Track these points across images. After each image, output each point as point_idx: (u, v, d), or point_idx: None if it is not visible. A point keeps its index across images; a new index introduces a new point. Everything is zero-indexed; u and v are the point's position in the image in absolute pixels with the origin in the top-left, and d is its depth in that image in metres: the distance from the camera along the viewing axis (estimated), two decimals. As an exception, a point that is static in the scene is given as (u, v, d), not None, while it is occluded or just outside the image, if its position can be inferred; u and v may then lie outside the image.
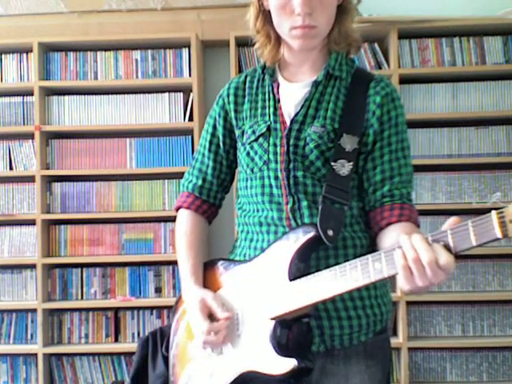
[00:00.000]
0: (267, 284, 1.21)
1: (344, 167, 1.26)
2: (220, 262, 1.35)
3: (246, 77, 1.42)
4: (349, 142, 1.26)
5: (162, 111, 2.82)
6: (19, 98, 2.84)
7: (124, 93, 2.83)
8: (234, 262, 1.32)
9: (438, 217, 2.72)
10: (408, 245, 0.99)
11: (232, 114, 1.39)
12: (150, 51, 2.83)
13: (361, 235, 1.30)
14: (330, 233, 1.19)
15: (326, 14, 1.27)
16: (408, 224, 1.23)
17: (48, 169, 2.82)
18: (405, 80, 2.72)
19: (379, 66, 2.74)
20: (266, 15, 1.33)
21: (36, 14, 2.92)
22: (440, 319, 2.75)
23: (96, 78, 2.84)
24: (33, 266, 2.81)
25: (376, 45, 2.75)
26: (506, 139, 2.74)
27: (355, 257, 1.26)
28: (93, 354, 2.82)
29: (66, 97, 2.84)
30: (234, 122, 1.39)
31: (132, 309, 2.83)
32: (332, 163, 1.25)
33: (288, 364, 1.14)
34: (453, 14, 2.72)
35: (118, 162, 2.83)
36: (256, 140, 1.32)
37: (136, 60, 2.84)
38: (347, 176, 1.26)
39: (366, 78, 1.34)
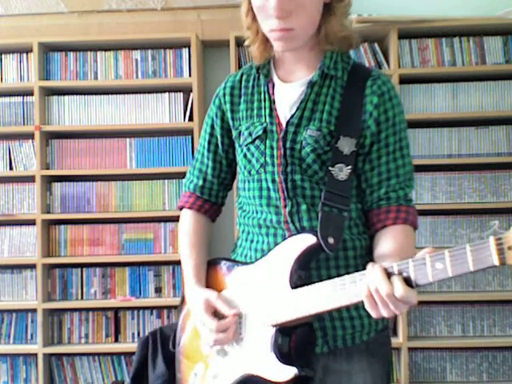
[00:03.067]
0: (269, 290, 1.21)
1: (342, 172, 1.24)
2: (223, 262, 1.34)
3: (241, 75, 1.40)
4: (346, 145, 1.24)
5: (162, 111, 2.82)
6: (19, 98, 2.84)
7: (124, 93, 2.83)
8: (236, 263, 1.32)
9: (438, 217, 2.72)
10: (370, 276, 1.03)
11: (229, 114, 1.38)
12: (149, 51, 2.83)
13: (360, 237, 1.29)
14: (331, 241, 1.18)
15: (304, 15, 1.22)
16: (403, 227, 1.23)
17: (48, 169, 2.82)
18: (405, 80, 2.72)
19: (379, 66, 2.74)
20: (255, 12, 1.30)
21: (36, 14, 2.92)
22: (440, 319, 2.75)
23: (96, 78, 2.84)
24: (33, 266, 2.81)
25: (376, 45, 2.75)
26: (506, 139, 2.74)
27: (355, 258, 1.27)
28: (93, 354, 2.82)
29: (66, 97, 2.84)
30: (230, 122, 1.38)
31: (132, 309, 2.83)
32: (330, 168, 1.23)
33: (289, 372, 1.15)
34: (453, 14, 2.72)
35: (118, 161, 2.83)
36: (253, 142, 1.31)
37: (136, 60, 2.83)
38: (346, 181, 1.24)
39: (363, 75, 1.30)
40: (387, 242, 1.21)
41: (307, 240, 1.18)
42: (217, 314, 1.26)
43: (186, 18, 2.89)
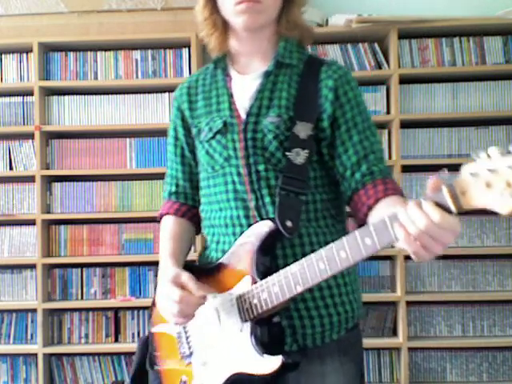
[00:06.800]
0: (236, 287, 1.21)
1: (299, 156, 1.24)
2: (192, 266, 1.34)
3: (198, 75, 1.42)
4: (302, 130, 1.25)
5: (162, 111, 2.82)
6: (19, 98, 2.84)
7: (124, 93, 2.83)
8: (205, 265, 1.32)
9: (438, 217, 2.72)
10: (401, 215, 0.95)
11: (187, 113, 1.38)
12: (149, 51, 2.83)
13: (326, 231, 1.28)
14: (289, 224, 1.18)
15: None
16: (397, 197, 1.19)
17: (48, 169, 2.82)
18: (405, 80, 2.72)
19: (379, 66, 2.74)
20: (213, 4, 1.33)
21: (36, 14, 2.92)
22: (440, 319, 2.75)
23: (96, 78, 2.84)
24: (33, 266, 2.81)
25: (376, 45, 2.75)
26: (506, 139, 2.73)
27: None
28: (93, 354, 2.82)
29: (66, 97, 2.84)
30: (189, 120, 1.38)
31: (132, 309, 2.83)
32: (287, 153, 1.24)
33: (275, 362, 1.14)
34: (453, 13, 2.72)
35: (118, 161, 2.83)
36: (214, 137, 1.30)
37: (136, 60, 2.83)
38: (303, 165, 1.24)
39: (318, 63, 1.32)
40: (387, 207, 1.14)
41: (265, 227, 1.19)
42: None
43: (186, 18, 2.89)
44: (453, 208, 0.90)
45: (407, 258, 2.68)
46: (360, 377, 1.33)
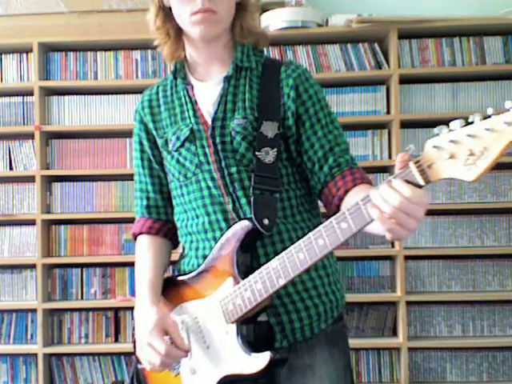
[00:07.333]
0: (218, 290, 1.22)
1: (268, 155, 1.27)
2: (174, 277, 1.35)
3: (158, 87, 1.43)
4: (270, 129, 1.27)
5: (162, 111, 2.81)
6: (19, 98, 2.84)
7: (124, 93, 2.83)
8: (186, 274, 1.32)
9: (438, 217, 2.72)
10: (373, 194, 0.98)
11: (151, 125, 1.39)
12: (149, 51, 2.83)
13: (303, 225, 1.30)
14: (266, 221, 1.21)
15: (226, 2, 1.29)
16: (365, 185, 1.22)
17: (48, 169, 2.82)
18: (405, 80, 2.72)
19: (379, 66, 2.74)
20: (165, 13, 1.35)
21: (36, 14, 2.91)
22: (440, 319, 2.75)
23: (96, 77, 2.84)
24: (33, 266, 2.81)
25: (376, 45, 2.75)
26: (505, 139, 2.73)
27: None
28: (93, 354, 2.82)
29: (66, 97, 2.84)
30: (154, 132, 1.38)
31: (132, 309, 2.80)
32: (256, 153, 1.26)
33: (263, 359, 1.14)
34: (453, 13, 2.71)
35: (118, 162, 2.83)
36: (182, 145, 1.32)
37: (136, 60, 2.83)
38: (273, 163, 1.26)
39: (276, 64, 1.35)
40: (359, 194, 1.14)
41: (242, 227, 1.21)
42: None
43: (186, 18, 2.89)
44: (421, 182, 0.94)
45: (407, 258, 2.68)
46: (348, 368, 1.35)
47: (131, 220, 2.83)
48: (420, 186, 0.95)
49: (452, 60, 2.73)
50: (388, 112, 2.74)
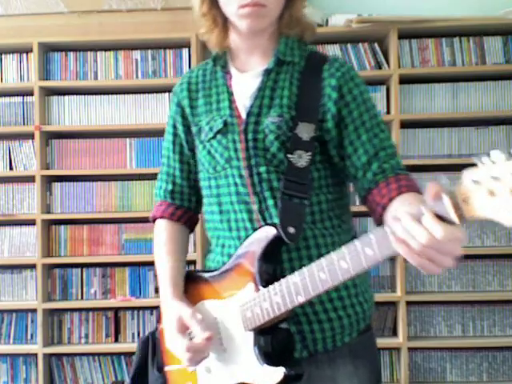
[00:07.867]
0: (238, 294, 1.18)
1: (302, 158, 1.19)
2: (198, 272, 1.31)
3: (198, 71, 1.36)
4: (305, 131, 1.20)
5: (161, 111, 2.82)
6: (19, 98, 2.84)
7: (124, 93, 2.83)
8: (209, 272, 1.28)
9: (438, 217, 2.72)
10: (395, 226, 0.89)
11: (188, 110, 1.33)
12: (149, 51, 2.83)
13: (332, 232, 1.24)
14: (291, 230, 1.14)
15: None
16: (411, 194, 1.12)
17: (48, 169, 2.82)
18: (405, 80, 2.72)
19: (379, 66, 2.74)
20: None
21: (36, 13, 2.92)
22: (440, 319, 2.75)
23: (96, 77, 2.84)
24: (33, 266, 2.81)
25: (376, 45, 2.75)
26: (505, 139, 2.73)
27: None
28: (93, 354, 2.82)
29: (66, 97, 2.84)
30: (190, 118, 1.33)
31: (132, 309, 2.83)
32: (288, 155, 1.19)
33: (277, 374, 1.10)
34: (453, 13, 2.71)
35: (118, 162, 2.83)
36: (214, 137, 1.26)
37: (136, 60, 2.83)
38: (306, 168, 1.19)
39: (320, 60, 1.27)
40: (402, 206, 1.06)
41: (267, 234, 1.15)
42: (191, 332, 1.20)
43: (186, 18, 2.89)
44: (455, 220, 0.83)
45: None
46: (375, 379, 1.28)
47: (131, 220, 2.86)
48: (452, 223, 0.84)
49: (452, 60, 2.73)
50: (388, 112, 2.74)
